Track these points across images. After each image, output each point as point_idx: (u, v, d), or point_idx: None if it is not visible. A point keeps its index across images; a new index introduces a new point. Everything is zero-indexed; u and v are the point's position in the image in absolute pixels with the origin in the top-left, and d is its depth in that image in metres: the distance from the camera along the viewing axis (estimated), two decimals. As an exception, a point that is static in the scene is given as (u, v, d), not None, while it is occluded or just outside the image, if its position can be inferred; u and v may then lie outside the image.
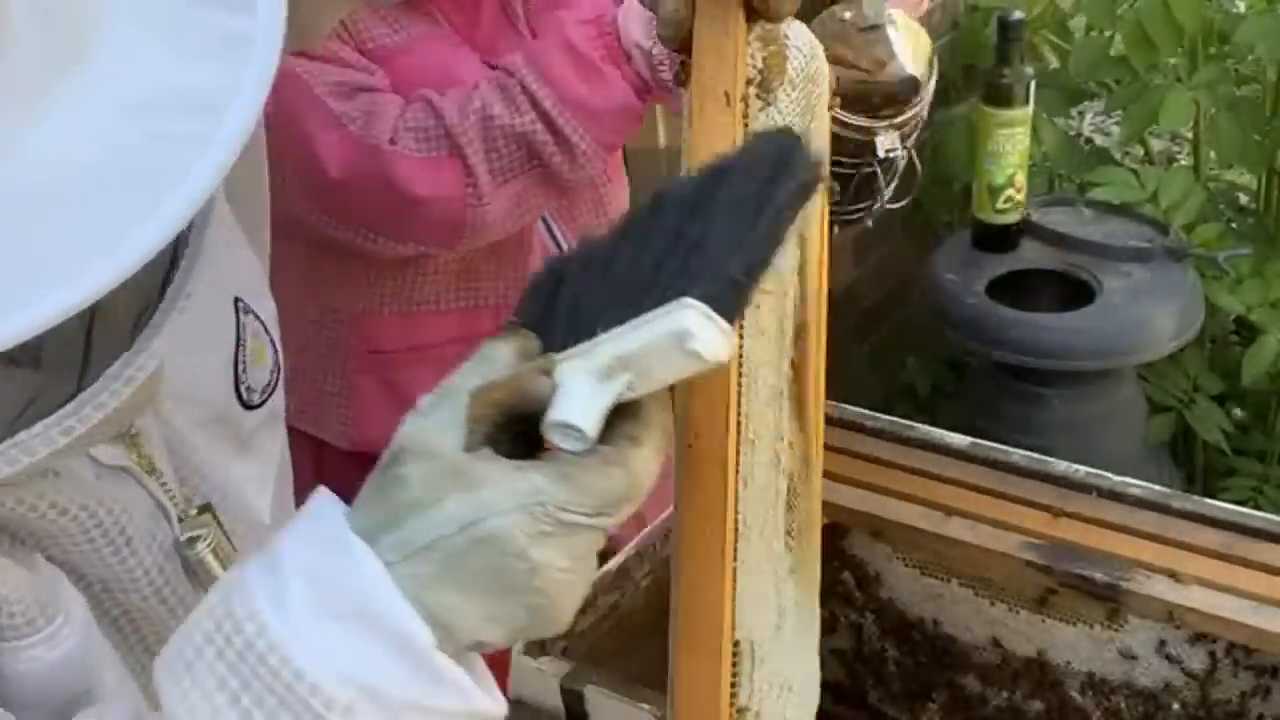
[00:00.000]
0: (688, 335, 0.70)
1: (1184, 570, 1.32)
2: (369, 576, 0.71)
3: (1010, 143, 2.46)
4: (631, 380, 0.73)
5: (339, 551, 0.72)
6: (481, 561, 0.71)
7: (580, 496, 0.72)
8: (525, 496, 0.71)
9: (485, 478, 0.72)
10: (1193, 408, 2.66)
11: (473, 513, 0.71)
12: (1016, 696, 1.45)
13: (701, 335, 0.70)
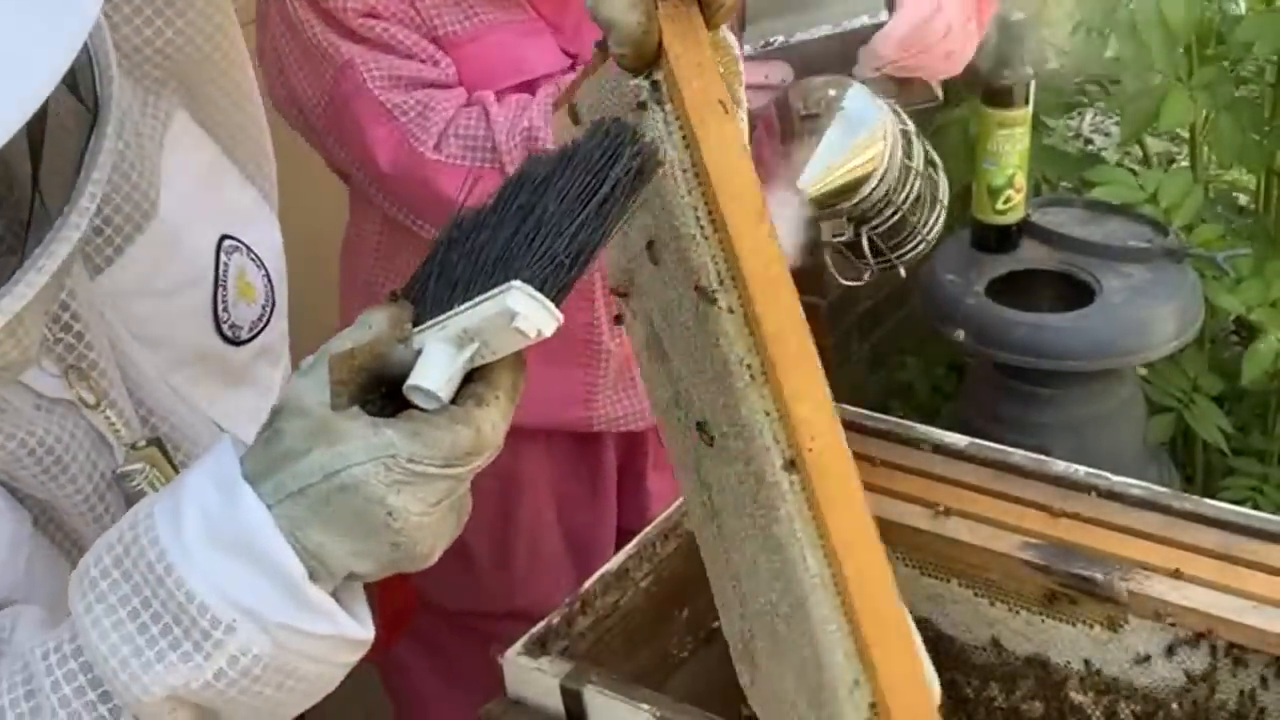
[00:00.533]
0: (514, 314, 0.81)
1: (1184, 570, 1.32)
2: (252, 515, 0.82)
3: (1010, 143, 2.45)
4: (480, 349, 0.84)
5: (228, 491, 0.82)
6: (344, 505, 0.82)
7: (428, 450, 0.82)
8: (378, 450, 0.81)
9: (346, 433, 0.82)
10: (1192, 408, 2.66)
11: (334, 463, 0.81)
12: (1016, 697, 1.45)
13: (526, 313, 0.81)
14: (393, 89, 1.53)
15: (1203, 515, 1.37)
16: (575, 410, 1.70)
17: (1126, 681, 1.37)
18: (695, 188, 0.93)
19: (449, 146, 1.53)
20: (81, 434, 0.94)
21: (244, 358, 1.06)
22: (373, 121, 1.55)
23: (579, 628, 1.35)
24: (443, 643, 1.84)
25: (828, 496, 0.91)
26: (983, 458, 1.48)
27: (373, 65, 1.53)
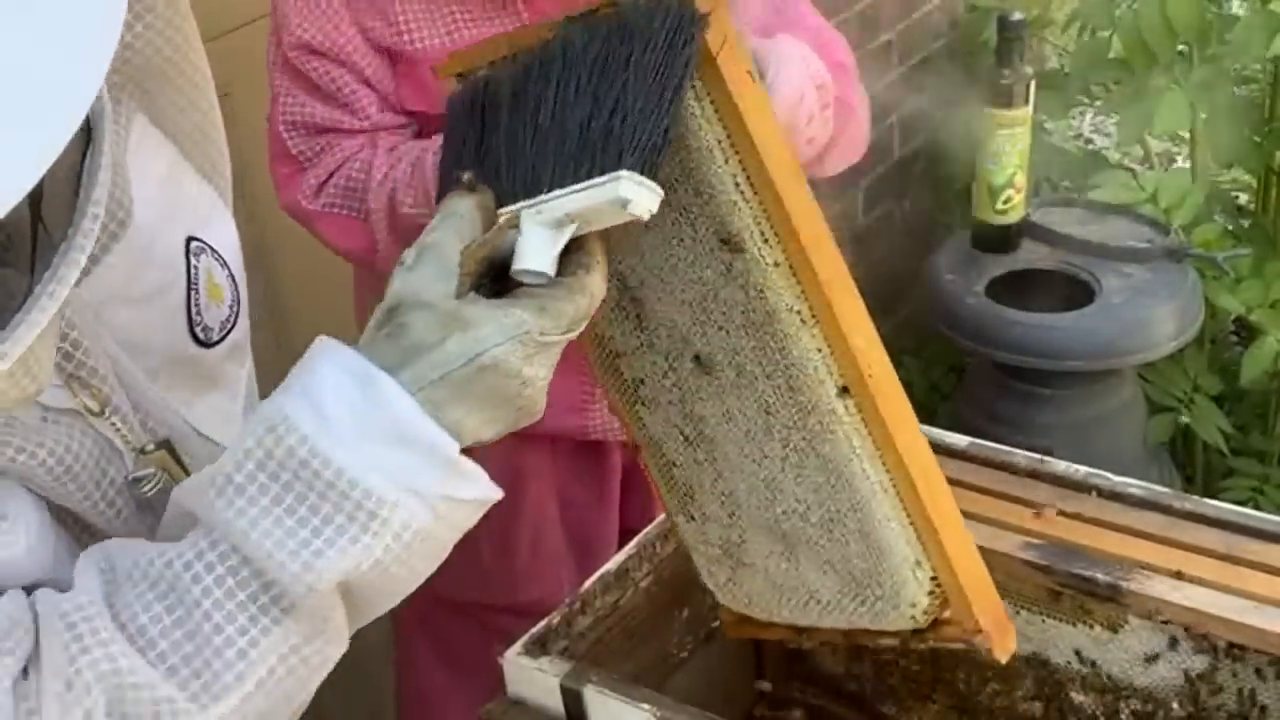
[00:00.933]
0: (628, 201, 0.89)
1: (1184, 570, 1.32)
2: (400, 404, 0.88)
3: (1010, 143, 2.46)
4: (578, 227, 0.92)
5: (369, 385, 0.89)
6: (485, 384, 0.90)
7: (555, 321, 0.91)
8: (513, 330, 0.89)
9: (478, 319, 0.89)
10: (1192, 408, 2.66)
11: (473, 348, 0.89)
12: (1016, 697, 1.45)
13: (637, 199, 0.89)
14: (296, 130, 1.59)
15: (1203, 515, 1.37)
16: (573, 418, 1.70)
17: (1127, 681, 1.37)
18: (732, 156, 0.99)
19: (328, 194, 1.59)
20: (90, 442, 0.95)
21: (214, 359, 1.07)
22: (275, 158, 1.62)
23: (579, 628, 1.35)
24: (450, 635, 1.85)
25: (889, 413, 1.04)
26: (983, 458, 1.48)
27: (289, 103, 1.58)
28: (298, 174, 1.60)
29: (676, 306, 1.08)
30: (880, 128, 2.98)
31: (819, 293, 1.03)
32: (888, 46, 2.94)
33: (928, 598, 1.09)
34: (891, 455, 1.05)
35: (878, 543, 1.08)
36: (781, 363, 1.05)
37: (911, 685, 1.52)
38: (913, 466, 1.05)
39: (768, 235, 1.02)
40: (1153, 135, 2.89)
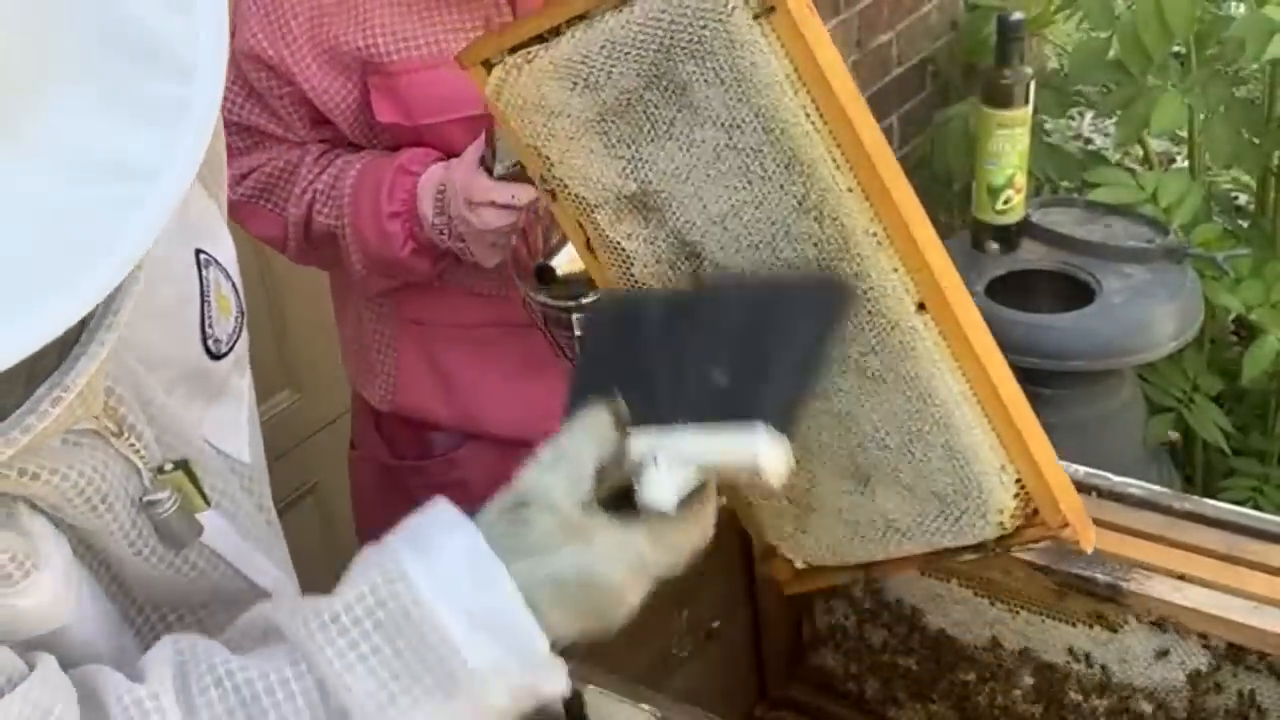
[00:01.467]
0: (760, 456, 0.92)
1: (1184, 571, 1.32)
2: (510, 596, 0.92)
3: (1010, 143, 2.46)
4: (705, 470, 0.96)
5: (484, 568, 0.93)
6: (587, 598, 0.95)
7: (670, 555, 0.97)
8: (630, 557, 0.94)
9: (600, 537, 0.94)
10: (1192, 408, 2.66)
11: (588, 565, 0.94)
12: (1016, 697, 1.45)
13: (770, 458, 0.92)
14: (231, 126, 1.61)
15: (1203, 516, 1.37)
16: (556, 424, 1.69)
17: (1127, 682, 1.37)
18: (800, 89, 1.02)
19: (247, 186, 1.63)
20: (113, 463, 0.95)
21: (223, 371, 1.08)
22: None
23: (579, 628, 1.35)
24: None
25: (967, 323, 1.07)
26: (983, 458, 1.48)
27: (231, 99, 1.60)
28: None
29: (742, 252, 1.10)
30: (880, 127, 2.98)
31: (894, 212, 1.06)
32: (888, 46, 2.94)
33: (1014, 501, 1.14)
34: (972, 364, 1.08)
35: (964, 453, 1.11)
36: (860, 287, 1.07)
37: (912, 686, 1.52)
38: (993, 372, 1.09)
39: (839, 162, 1.05)
40: (1151, 135, 2.89)
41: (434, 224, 1.55)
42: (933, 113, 3.02)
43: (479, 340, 1.68)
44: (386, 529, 1.82)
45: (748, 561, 1.55)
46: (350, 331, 1.78)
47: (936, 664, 1.49)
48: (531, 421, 1.68)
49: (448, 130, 1.59)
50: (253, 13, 1.56)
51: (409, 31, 1.55)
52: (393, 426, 1.78)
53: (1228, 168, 3.05)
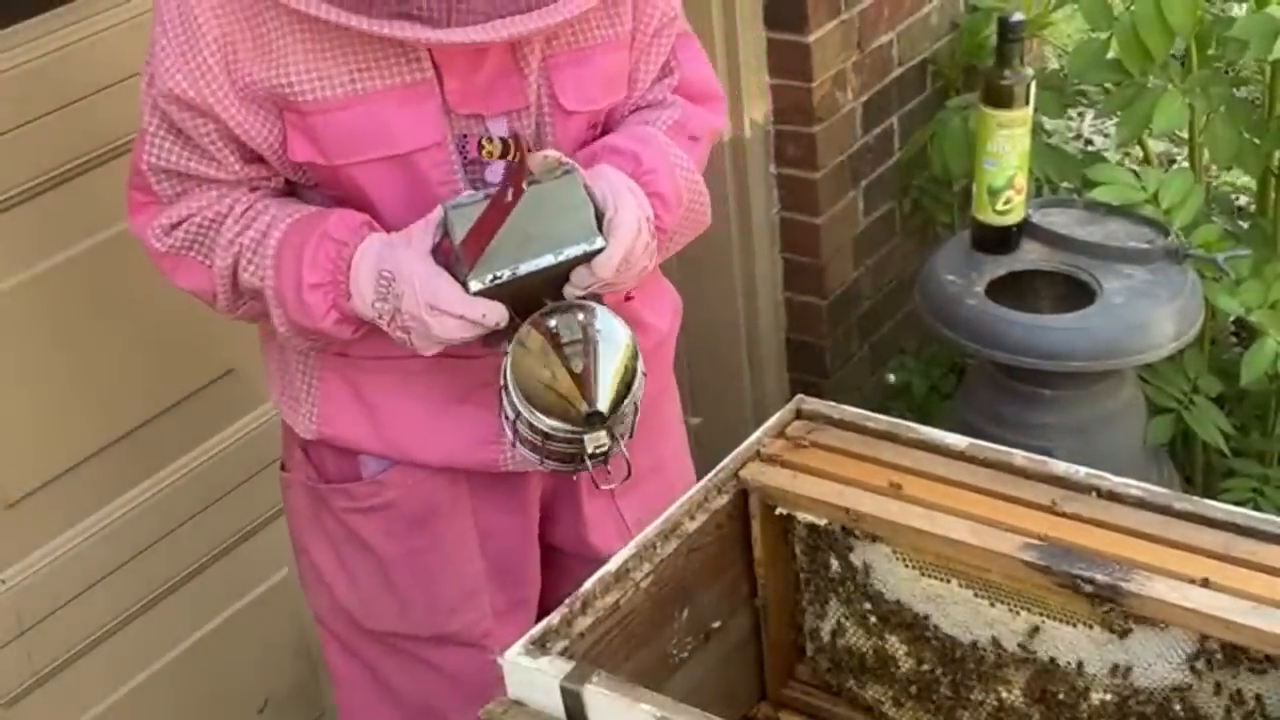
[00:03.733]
0: None
1: (1184, 571, 1.32)
2: None
3: (1010, 144, 2.45)
4: None
5: None
6: None
7: None
8: None
9: None
10: (1192, 409, 2.66)
11: None
12: (1015, 697, 1.45)
13: None
14: (161, 173, 1.57)
15: (1203, 516, 1.37)
16: (486, 452, 1.67)
17: (1127, 682, 1.37)
18: None
19: (177, 237, 1.59)
20: None
21: None
22: (135, 186, 1.61)
23: (579, 628, 1.35)
24: (374, 662, 1.83)
25: None
26: (983, 458, 1.48)
27: (156, 145, 1.56)
28: (153, 205, 1.60)
29: None
30: (880, 128, 2.98)
31: None
32: (888, 47, 2.94)
33: None
34: None
35: None
36: None
37: (911, 686, 1.52)
38: None
39: None
40: (1151, 136, 2.89)
41: (375, 308, 1.51)
42: (933, 113, 3.02)
43: (404, 370, 1.64)
44: (320, 550, 1.81)
45: (748, 562, 1.55)
46: (274, 361, 1.74)
47: (936, 664, 1.49)
48: (460, 449, 1.67)
49: (365, 170, 1.55)
50: (168, 53, 1.51)
51: (323, 69, 1.50)
52: (320, 451, 1.74)
53: (1228, 168, 3.05)
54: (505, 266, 1.46)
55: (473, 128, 1.56)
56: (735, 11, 2.66)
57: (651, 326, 1.73)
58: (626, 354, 1.52)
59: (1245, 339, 2.95)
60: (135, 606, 2.26)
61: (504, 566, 1.78)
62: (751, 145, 2.77)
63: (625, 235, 1.50)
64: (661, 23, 1.66)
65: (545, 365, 1.49)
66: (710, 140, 1.77)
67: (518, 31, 1.48)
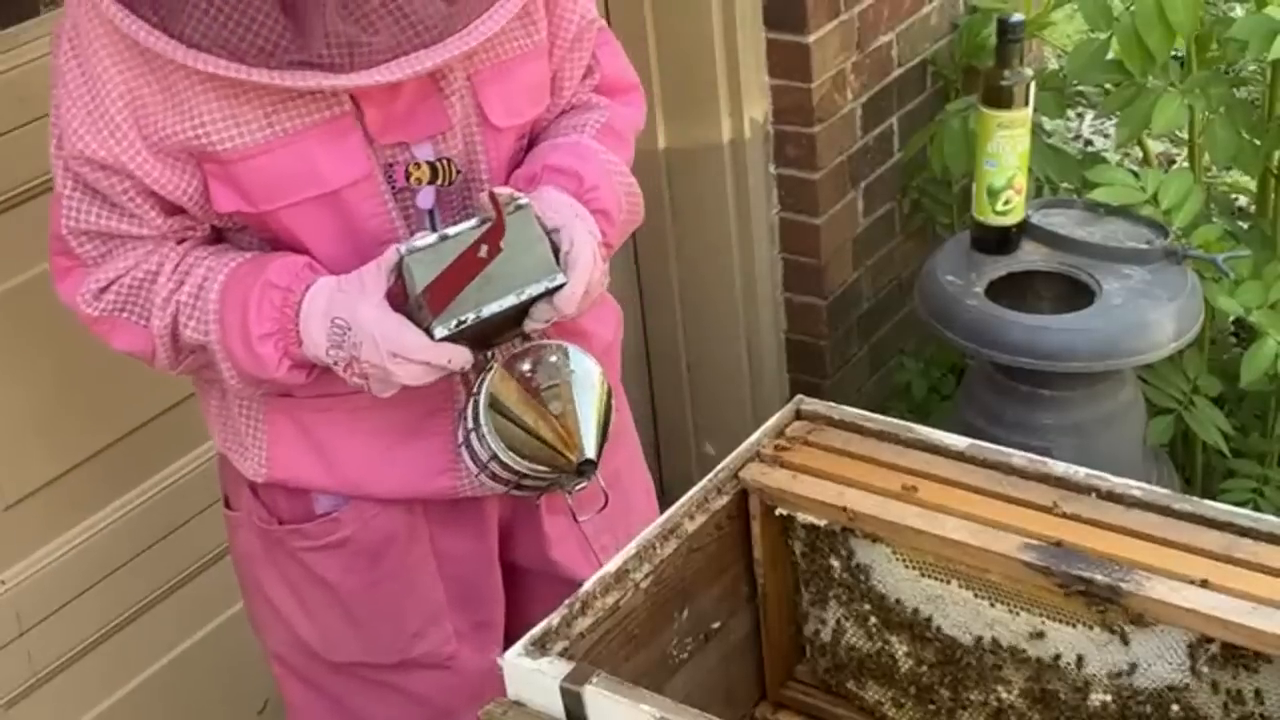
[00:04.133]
0: None
1: (1184, 572, 1.32)
2: None
3: (1010, 144, 2.45)
4: None
5: None
6: None
7: None
8: None
9: None
10: (1192, 409, 2.66)
11: None
12: (1015, 697, 1.45)
13: None
14: (82, 235, 1.54)
15: (1203, 517, 1.37)
16: (441, 480, 1.65)
17: (1127, 682, 1.37)
18: None
19: (108, 300, 1.56)
20: None
21: None
22: (56, 252, 1.57)
23: (579, 628, 1.35)
24: (338, 692, 1.81)
25: None
26: (983, 459, 1.48)
27: (74, 209, 1.52)
28: (79, 269, 1.56)
29: None
30: (880, 128, 2.98)
31: None
32: (888, 47, 2.94)
33: None
34: None
35: None
36: None
37: (911, 686, 1.52)
38: None
39: None
40: (1151, 136, 2.89)
41: (330, 355, 1.49)
42: (933, 113, 3.02)
43: (352, 407, 1.61)
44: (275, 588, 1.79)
45: (748, 562, 1.55)
46: (215, 408, 1.70)
47: (936, 665, 1.49)
48: (415, 480, 1.65)
49: (293, 212, 1.52)
50: (75, 115, 1.47)
51: (238, 115, 1.46)
52: (271, 491, 1.71)
53: (1228, 169, 3.05)
54: (469, 311, 1.44)
55: (398, 155, 1.53)
56: (735, 11, 2.66)
57: (595, 335, 1.71)
58: (602, 392, 1.52)
59: (1245, 339, 2.95)
60: (135, 607, 2.26)
61: (465, 589, 1.76)
62: (751, 145, 2.77)
63: (584, 268, 1.49)
64: (580, 27, 1.64)
65: (525, 412, 1.48)
66: (635, 134, 1.76)
67: (423, 68, 1.45)
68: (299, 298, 1.50)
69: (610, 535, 1.79)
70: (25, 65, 1.98)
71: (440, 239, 1.46)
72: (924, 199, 3.09)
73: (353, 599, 1.73)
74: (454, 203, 1.58)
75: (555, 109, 1.68)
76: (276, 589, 1.77)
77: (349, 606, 1.74)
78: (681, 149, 2.83)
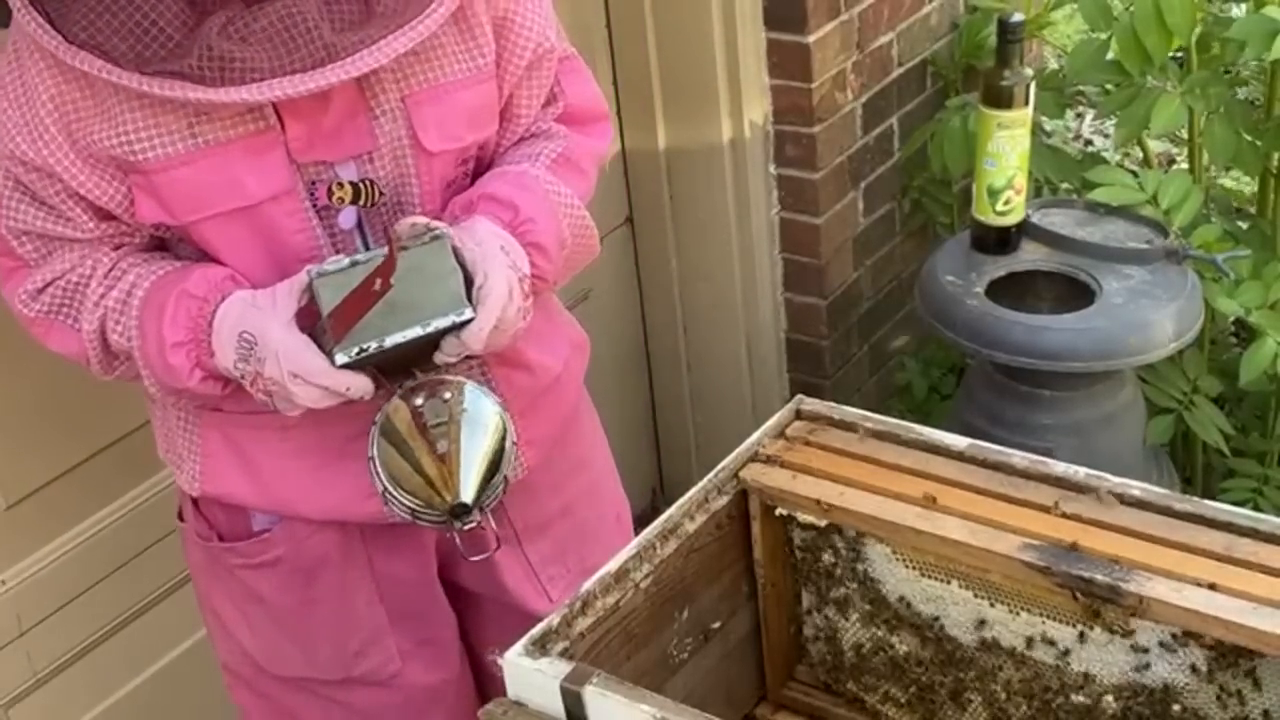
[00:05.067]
0: None
1: (1184, 571, 1.32)
2: None
3: (1010, 144, 2.45)
4: None
5: None
6: None
7: None
8: None
9: None
10: (1192, 409, 2.66)
11: None
12: (1015, 697, 1.45)
13: None
14: (21, 235, 1.54)
15: (1203, 516, 1.37)
16: (371, 504, 1.60)
17: (1127, 682, 1.37)
18: None
19: (43, 302, 1.56)
20: None
21: None
22: (2, 254, 1.58)
23: (579, 628, 1.35)
24: (286, 704, 1.81)
25: None
26: (983, 459, 1.48)
27: (12, 208, 1.52)
28: (21, 269, 1.57)
29: None
30: (881, 128, 2.98)
31: None
32: (888, 47, 2.94)
33: None
34: None
35: None
36: None
37: (912, 687, 1.52)
38: None
39: None
40: (1151, 136, 2.89)
41: (237, 369, 1.49)
42: (933, 113, 3.02)
43: (280, 425, 1.60)
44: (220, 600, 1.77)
45: (748, 562, 1.55)
46: (157, 419, 1.72)
47: (936, 665, 1.49)
48: (345, 502, 1.63)
49: (215, 224, 1.51)
50: (10, 117, 1.48)
51: (162, 125, 1.46)
52: (210, 505, 1.71)
53: (1228, 169, 3.05)
54: (372, 339, 1.43)
55: (322, 174, 1.52)
56: (735, 12, 2.66)
57: (541, 366, 1.69)
58: (494, 435, 1.49)
59: (1245, 339, 2.95)
60: (135, 607, 2.26)
61: (406, 610, 1.75)
62: (751, 146, 2.77)
63: (494, 304, 1.46)
64: (536, 54, 1.61)
65: (412, 448, 1.47)
66: (598, 165, 1.73)
67: (295, 91, 1.43)
68: (213, 308, 1.50)
69: (560, 565, 1.78)
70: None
71: (351, 264, 1.45)
72: (924, 199, 3.09)
73: (290, 617, 1.73)
74: (381, 224, 1.56)
75: (511, 136, 1.66)
76: (221, 603, 1.77)
77: (287, 624, 1.73)
78: (681, 149, 2.83)
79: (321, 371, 1.44)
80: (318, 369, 1.44)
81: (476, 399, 1.50)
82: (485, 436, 1.48)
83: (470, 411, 1.48)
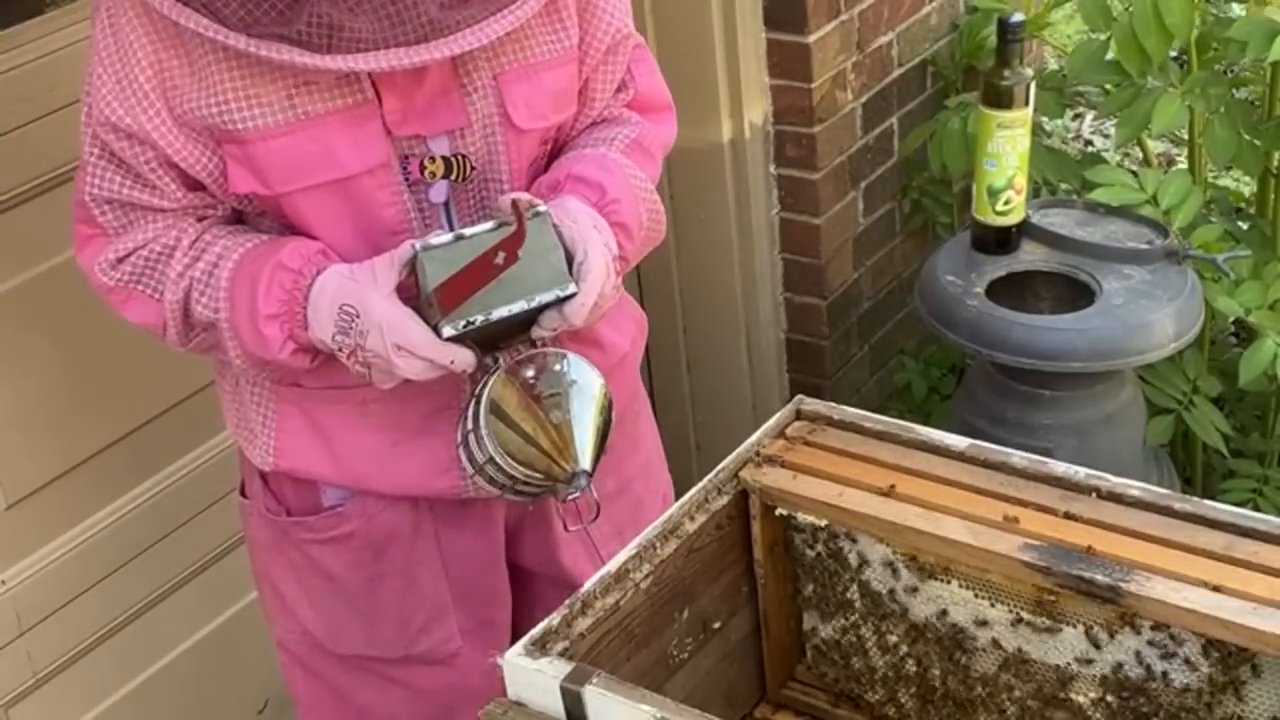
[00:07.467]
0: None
1: (1184, 572, 1.32)
2: None
3: (1010, 144, 2.45)
4: None
5: None
6: None
7: None
8: None
9: None
10: (1192, 409, 2.66)
11: None
12: (1016, 697, 1.45)
13: None
14: (104, 204, 1.55)
15: (1203, 517, 1.37)
16: (446, 479, 1.64)
17: (1126, 683, 1.37)
18: None
19: (124, 271, 1.57)
20: None
21: None
22: (80, 219, 1.58)
23: (579, 628, 1.35)
24: (341, 683, 1.81)
25: None
26: (983, 459, 1.48)
27: (97, 176, 1.53)
28: (100, 238, 1.57)
29: None
30: (881, 128, 2.98)
31: None
32: (888, 47, 2.94)
33: None
34: None
35: None
36: None
37: (911, 686, 1.52)
38: None
39: None
40: (1151, 137, 2.89)
41: (335, 341, 1.49)
42: (933, 113, 3.02)
43: (359, 401, 1.62)
44: (283, 577, 1.78)
45: (748, 562, 1.55)
46: (229, 394, 1.72)
47: (936, 665, 1.49)
48: (420, 478, 1.65)
49: (308, 196, 1.52)
50: (104, 81, 1.49)
51: (260, 95, 1.47)
52: (279, 480, 1.72)
53: (1228, 169, 3.05)
54: (478, 313, 1.45)
55: (414, 148, 1.54)
56: (735, 11, 2.66)
57: (612, 344, 1.72)
58: (602, 403, 1.52)
59: (1245, 339, 2.95)
60: (135, 607, 2.26)
61: (470, 588, 1.76)
62: (751, 146, 2.77)
63: (596, 280, 1.49)
64: (615, 40, 1.65)
65: (524, 419, 1.49)
66: (664, 153, 1.77)
67: (400, 63, 1.44)
68: (309, 281, 1.51)
69: (619, 541, 1.78)
70: (26, 65, 1.98)
71: (456, 239, 1.47)
72: (924, 199, 3.09)
73: (356, 593, 1.74)
74: (469, 200, 1.59)
75: (585, 119, 1.68)
76: (283, 578, 1.77)
77: (352, 600, 1.74)
78: (681, 149, 2.81)
79: (427, 344, 1.46)
80: (424, 342, 1.46)
81: (582, 369, 1.52)
82: (594, 404, 1.51)
83: (579, 382, 1.51)
